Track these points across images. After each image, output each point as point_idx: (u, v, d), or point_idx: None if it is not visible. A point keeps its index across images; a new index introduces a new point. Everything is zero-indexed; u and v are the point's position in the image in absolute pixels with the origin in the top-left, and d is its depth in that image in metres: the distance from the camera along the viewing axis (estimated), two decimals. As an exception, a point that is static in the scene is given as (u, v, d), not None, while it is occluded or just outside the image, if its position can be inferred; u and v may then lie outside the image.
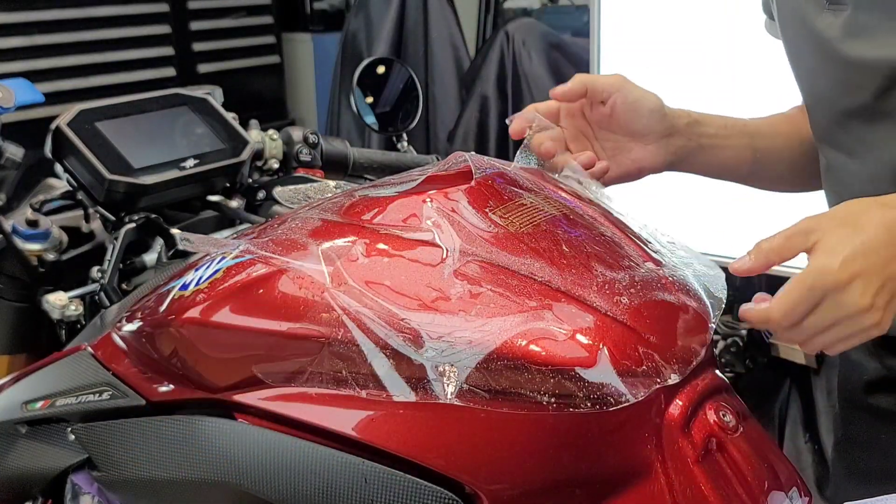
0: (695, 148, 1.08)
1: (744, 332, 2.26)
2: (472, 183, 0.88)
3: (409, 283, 0.78)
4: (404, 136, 1.53)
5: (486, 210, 0.86)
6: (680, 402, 0.80)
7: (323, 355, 0.78)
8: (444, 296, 0.77)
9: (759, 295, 0.83)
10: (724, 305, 0.87)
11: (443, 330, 0.74)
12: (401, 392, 0.75)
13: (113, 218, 1.19)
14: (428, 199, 0.86)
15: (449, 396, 0.74)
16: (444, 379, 0.74)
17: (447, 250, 0.80)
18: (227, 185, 1.28)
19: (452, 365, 0.74)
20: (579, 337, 0.75)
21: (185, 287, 0.88)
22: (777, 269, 0.85)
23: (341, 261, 0.80)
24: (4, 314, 1.24)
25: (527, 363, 0.73)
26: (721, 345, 2.29)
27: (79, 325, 1.16)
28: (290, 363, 0.80)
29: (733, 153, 1.11)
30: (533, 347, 0.73)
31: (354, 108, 1.51)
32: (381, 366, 0.76)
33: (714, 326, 0.85)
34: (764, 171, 1.15)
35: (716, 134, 1.09)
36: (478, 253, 0.81)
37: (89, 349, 1.00)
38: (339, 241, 0.82)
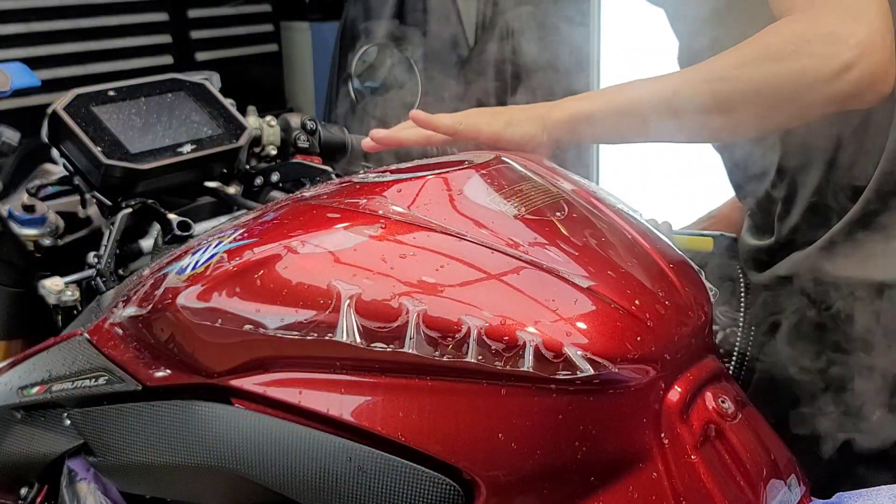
0: None
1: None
2: (481, 167, 0.88)
3: (411, 268, 0.78)
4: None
5: (493, 195, 0.85)
6: (679, 389, 0.80)
7: (320, 340, 0.77)
8: (449, 279, 0.77)
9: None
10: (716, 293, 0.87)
11: (446, 313, 0.74)
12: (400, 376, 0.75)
13: (109, 203, 1.18)
14: (433, 183, 0.85)
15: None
16: (445, 359, 0.74)
17: (451, 235, 0.80)
18: (225, 170, 1.27)
19: (453, 347, 0.74)
20: (578, 320, 0.75)
21: (181, 272, 0.88)
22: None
23: (343, 246, 0.80)
24: (1, 300, 1.23)
25: (525, 344, 0.73)
26: (721, 335, 2.28)
27: (75, 311, 1.15)
28: (288, 348, 0.80)
29: None
30: (530, 329, 0.73)
31: (352, 96, 1.50)
32: (380, 349, 0.75)
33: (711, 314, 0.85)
34: None
35: None
36: (482, 237, 0.80)
37: (85, 334, 1.00)
38: (343, 227, 0.82)
